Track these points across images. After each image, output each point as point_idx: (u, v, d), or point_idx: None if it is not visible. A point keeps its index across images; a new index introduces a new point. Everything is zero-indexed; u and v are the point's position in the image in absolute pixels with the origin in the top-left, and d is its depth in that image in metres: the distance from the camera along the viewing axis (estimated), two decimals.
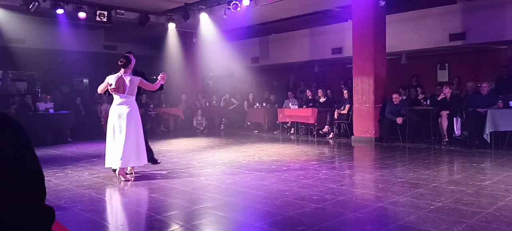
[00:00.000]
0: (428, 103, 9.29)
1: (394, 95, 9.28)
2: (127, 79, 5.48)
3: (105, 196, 4.88)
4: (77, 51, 13.29)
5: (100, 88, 5.68)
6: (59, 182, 5.51)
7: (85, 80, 16.57)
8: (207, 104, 14.22)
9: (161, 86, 5.98)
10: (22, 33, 12.28)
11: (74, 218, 3.87)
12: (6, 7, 10.30)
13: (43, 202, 0.63)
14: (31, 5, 9.69)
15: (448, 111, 8.46)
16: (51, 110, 10.90)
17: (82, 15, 10.65)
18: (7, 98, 12.42)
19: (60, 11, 10.33)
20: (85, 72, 15.61)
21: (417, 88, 10.80)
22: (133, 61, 5.62)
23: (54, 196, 4.64)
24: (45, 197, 0.63)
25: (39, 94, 12.74)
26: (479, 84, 8.78)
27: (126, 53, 5.66)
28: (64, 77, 14.52)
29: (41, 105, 11.04)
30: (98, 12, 10.89)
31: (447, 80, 11.52)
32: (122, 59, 5.51)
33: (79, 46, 13.25)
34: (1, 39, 11.67)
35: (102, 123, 11.69)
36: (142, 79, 5.70)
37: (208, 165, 6.73)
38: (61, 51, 13.57)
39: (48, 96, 11.55)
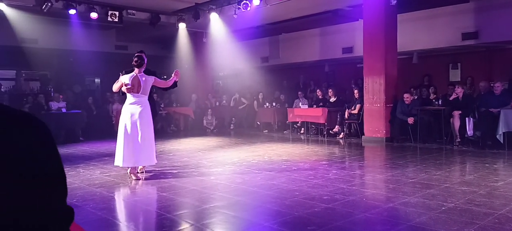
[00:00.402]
0: (440, 103, 9.20)
1: (406, 95, 9.21)
2: (142, 79, 5.53)
3: (116, 195, 4.92)
4: (89, 51, 13.42)
5: (115, 87, 5.73)
6: (71, 180, 5.57)
7: (97, 80, 16.73)
8: (217, 104, 14.26)
9: (175, 84, 6.03)
10: (35, 34, 12.44)
11: (86, 216, 3.91)
12: (19, 7, 10.45)
13: (65, 202, 0.63)
14: (44, 6, 9.81)
15: (460, 112, 8.37)
16: (64, 110, 11.04)
17: (94, 15, 10.76)
18: (20, 98, 12.62)
19: (72, 11, 10.45)
20: (96, 72, 15.77)
21: (429, 88, 10.70)
22: (146, 60, 5.66)
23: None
24: (66, 196, 0.64)
25: (52, 93, 12.91)
26: (492, 84, 8.67)
27: (138, 52, 5.66)
28: (76, 77, 14.68)
29: (54, 105, 11.19)
30: (109, 12, 10.98)
31: (460, 80, 11.39)
32: (136, 59, 5.51)
33: (91, 46, 13.37)
34: (15, 39, 11.83)
35: (113, 122, 11.80)
36: (156, 78, 5.78)
37: (218, 164, 6.75)
38: (73, 51, 13.71)
39: (61, 96, 11.70)
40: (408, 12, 10.73)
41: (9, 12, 10.47)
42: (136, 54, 5.61)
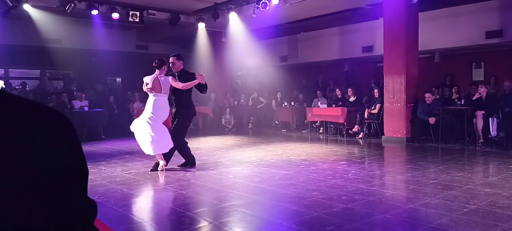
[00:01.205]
0: (463, 103, 9.01)
1: (427, 95, 9.05)
2: (161, 80, 5.86)
3: (136, 192, 5.00)
4: (111, 51, 13.65)
5: (143, 87, 6.04)
6: (93, 177, 5.69)
7: (118, 79, 17.00)
8: (236, 103, 14.31)
9: (205, 87, 6.09)
10: (59, 34, 12.72)
11: (107, 212, 3.99)
12: (44, 8, 10.72)
13: (87, 197, 0.65)
14: (68, 7, 10.05)
15: (483, 112, 8.18)
16: (86, 108, 11.27)
17: (115, 15, 10.95)
18: (44, 97, 12.94)
19: (94, 12, 10.65)
20: (118, 72, 16.03)
21: (452, 88, 10.48)
22: (180, 63, 6.11)
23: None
24: (86, 192, 0.66)
25: (75, 92, 13.21)
26: None
27: (174, 54, 6.15)
28: (98, 76, 14.96)
29: (77, 104, 11.44)
30: (130, 12, 11.15)
31: (483, 79, 11.13)
32: (156, 61, 5.93)
33: (112, 46, 13.60)
34: (40, 39, 12.14)
35: None
36: (172, 77, 6.04)
37: (236, 163, 6.78)
38: (96, 51, 13.97)
39: (83, 95, 11.94)
40: (430, 10, 10.53)
41: (34, 13, 10.74)
42: (172, 54, 6.18)
